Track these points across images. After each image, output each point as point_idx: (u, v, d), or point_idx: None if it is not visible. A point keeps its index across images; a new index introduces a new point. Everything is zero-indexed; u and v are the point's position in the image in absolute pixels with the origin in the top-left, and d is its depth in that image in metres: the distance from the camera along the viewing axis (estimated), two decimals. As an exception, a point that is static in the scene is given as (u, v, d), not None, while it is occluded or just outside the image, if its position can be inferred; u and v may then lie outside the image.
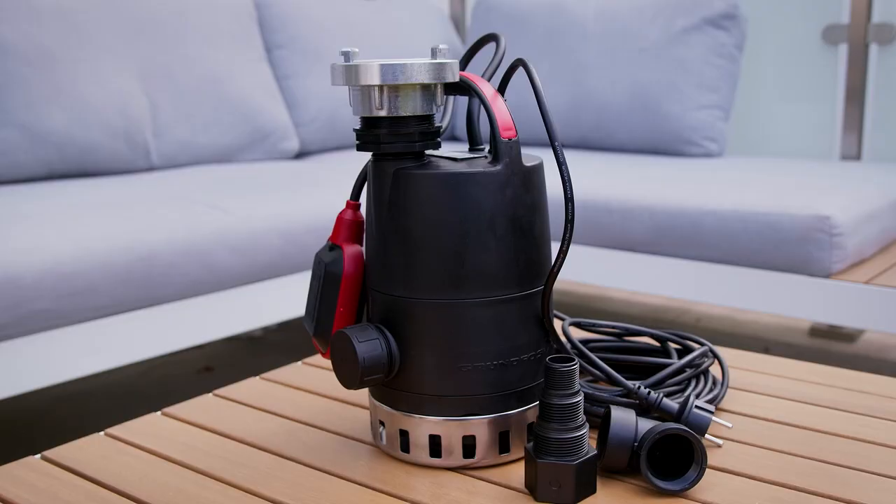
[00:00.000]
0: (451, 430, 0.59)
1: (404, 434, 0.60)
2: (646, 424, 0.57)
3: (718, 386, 0.69)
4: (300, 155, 2.09)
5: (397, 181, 0.57)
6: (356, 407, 0.72)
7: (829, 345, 1.86)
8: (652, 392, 0.63)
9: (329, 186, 1.54)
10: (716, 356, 0.71)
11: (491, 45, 1.91)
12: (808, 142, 2.06)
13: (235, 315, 1.31)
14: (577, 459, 0.54)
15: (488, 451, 0.59)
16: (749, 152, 2.15)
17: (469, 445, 0.59)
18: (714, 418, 0.62)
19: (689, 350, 0.72)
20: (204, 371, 1.81)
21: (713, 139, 1.91)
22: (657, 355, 0.73)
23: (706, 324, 2.02)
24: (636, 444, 0.56)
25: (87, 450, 0.65)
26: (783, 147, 2.11)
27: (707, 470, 0.58)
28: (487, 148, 0.63)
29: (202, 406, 0.73)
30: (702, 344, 0.71)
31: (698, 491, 0.56)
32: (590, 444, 0.56)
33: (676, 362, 0.67)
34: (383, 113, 0.56)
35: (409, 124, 0.57)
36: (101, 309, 1.15)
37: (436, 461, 0.60)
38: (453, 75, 0.57)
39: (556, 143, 0.54)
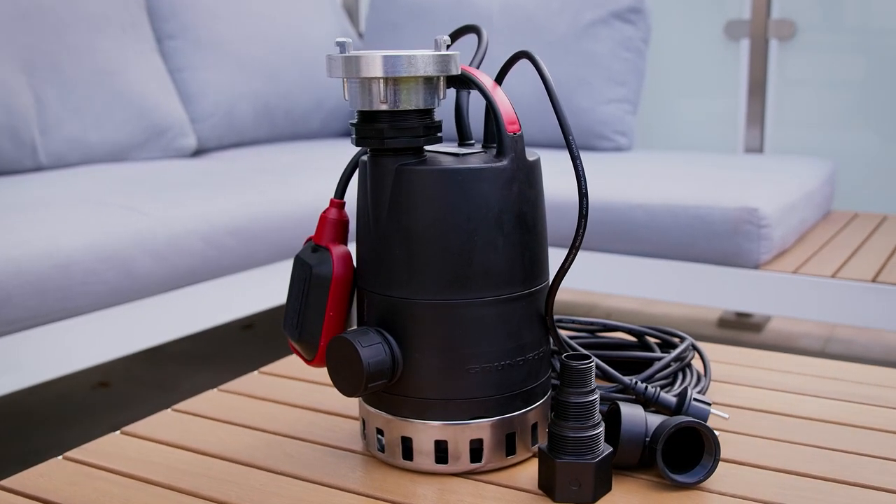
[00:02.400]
0: (457, 434, 0.57)
1: (406, 441, 0.58)
2: (654, 419, 0.57)
3: (703, 379, 0.69)
4: (198, 152, 1.99)
5: (400, 178, 0.54)
6: (332, 415, 0.69)
7: (737, 335, 1.92)
8: (649, 387, 0.62)
9: (244, 185, 1.48)
10: (696, 349, 0.72)
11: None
12: (713, 135, 2.13)
13: (158, 324, 1.24)
14: (596, 457, 0.53)
15: (495, 454, 0.57)
16: (655, 146, 2.19)
17: (476, 449, 0.57)
18: (712, 410, 0.62)
19: (668, 344, 0.72)
20: (99, 386, 1.71)
21: (623, 133, 1.94)
22: (637, 350, 0.73)
23: (617, 317, 2.05)
24: (648, 439, 0.56)
25: (50, 476, 0.60)
26: (688, 141, 2.16)
27: (712, 462, 0.58)
28: (480, 144, 0.61)
29: (163, 422, 0.69)
30: (682, 338, 0.72)
31: (712, 482, 0.56)
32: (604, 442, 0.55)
33: (665, 356, 0.67)
34: (386, 106, 0.53)
35: (411, 118, 0.54)
36: (16, 322, 1.07)
37: (441, 468, 0.57)
38: (456, 67, 0.55)
39: (571, 137, 0.52)
